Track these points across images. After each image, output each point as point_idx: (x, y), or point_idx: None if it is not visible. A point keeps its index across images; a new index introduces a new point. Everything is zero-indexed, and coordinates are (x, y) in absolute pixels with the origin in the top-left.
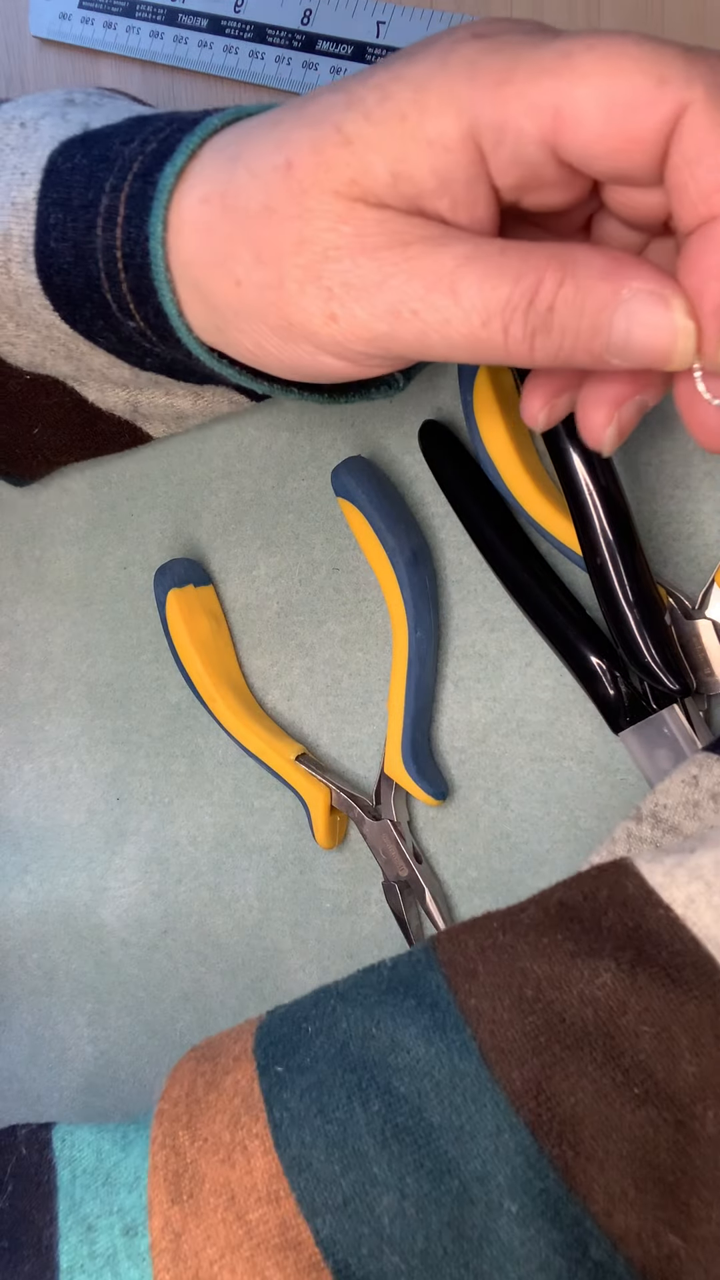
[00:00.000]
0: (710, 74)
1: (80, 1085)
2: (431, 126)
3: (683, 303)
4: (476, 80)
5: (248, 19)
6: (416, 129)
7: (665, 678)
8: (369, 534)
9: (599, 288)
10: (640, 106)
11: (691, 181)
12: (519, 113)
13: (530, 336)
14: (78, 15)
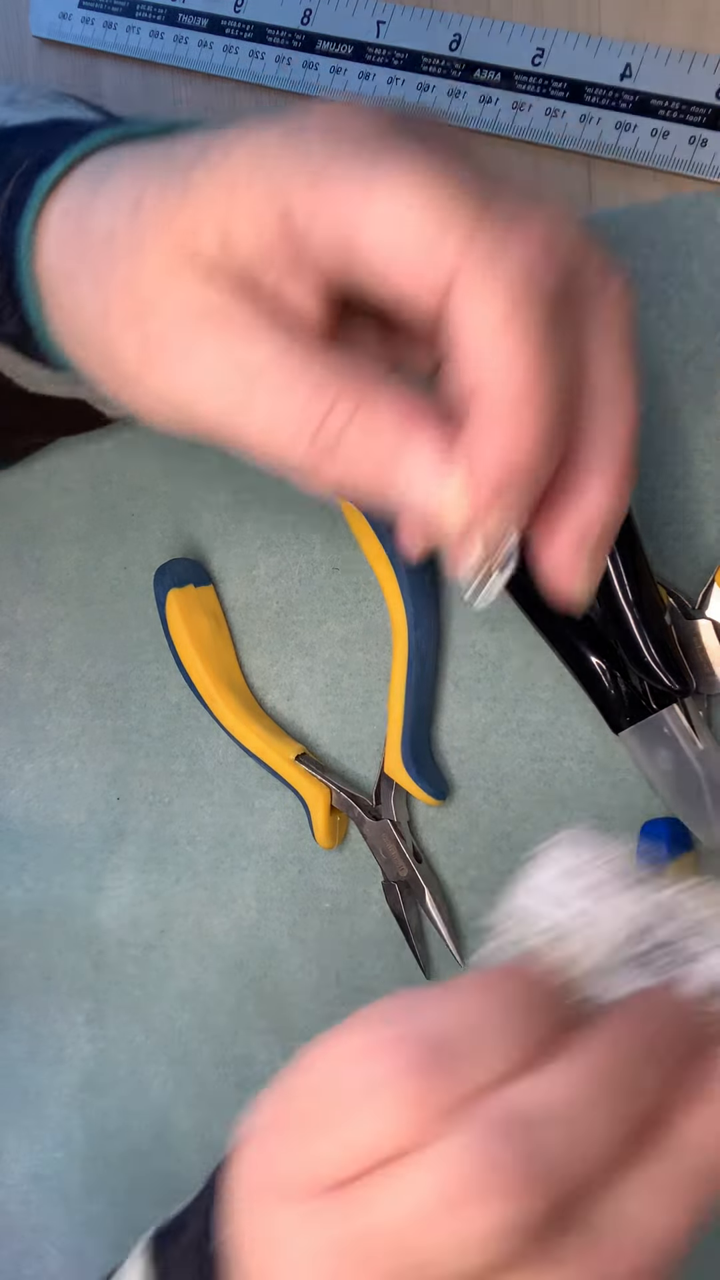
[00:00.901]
0: (493, 232)
1: (79, 1083)
2: (252, 202)
3: (459, 481)
4: (296, 174)
5: (248, 19)
6: (243, 199)
7: (665, 678)
8: (369, 534)
9: (385, 438)
10: (418, 256)
11: (458, 344)
12: (318, 222)
13: (318, 460)
14: (78, 15)
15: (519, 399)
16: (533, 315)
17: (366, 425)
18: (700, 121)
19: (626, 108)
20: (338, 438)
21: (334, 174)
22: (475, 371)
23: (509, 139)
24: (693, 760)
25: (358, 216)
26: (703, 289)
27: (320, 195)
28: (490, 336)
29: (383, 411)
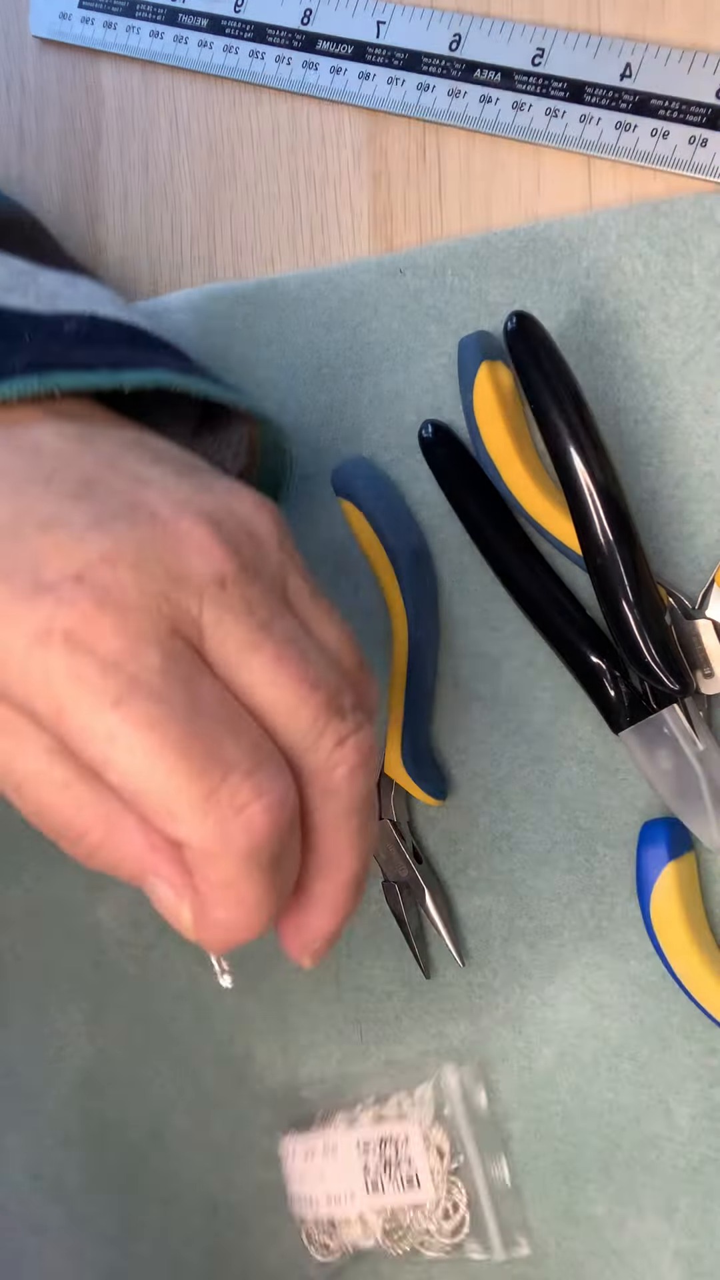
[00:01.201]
0: (220, 813)
1: (78, 1082)
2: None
3: (187, 913)
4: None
5: (248, 19)
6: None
7: (665, 678)
8: (369, 534)
9: (129, 865)
10: (156, 807)
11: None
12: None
13: (79, 853)
14: (78, 15)
15: (232, 884)
16: (253, 860)
17: (114, 851)
18: (700, 121)
19: (626, 108)
20: (91, 851)
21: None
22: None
23: (509, 139)
24: (693, 760)
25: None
26: (703, 289)
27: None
28: (208, 860)
29: (125, 845)
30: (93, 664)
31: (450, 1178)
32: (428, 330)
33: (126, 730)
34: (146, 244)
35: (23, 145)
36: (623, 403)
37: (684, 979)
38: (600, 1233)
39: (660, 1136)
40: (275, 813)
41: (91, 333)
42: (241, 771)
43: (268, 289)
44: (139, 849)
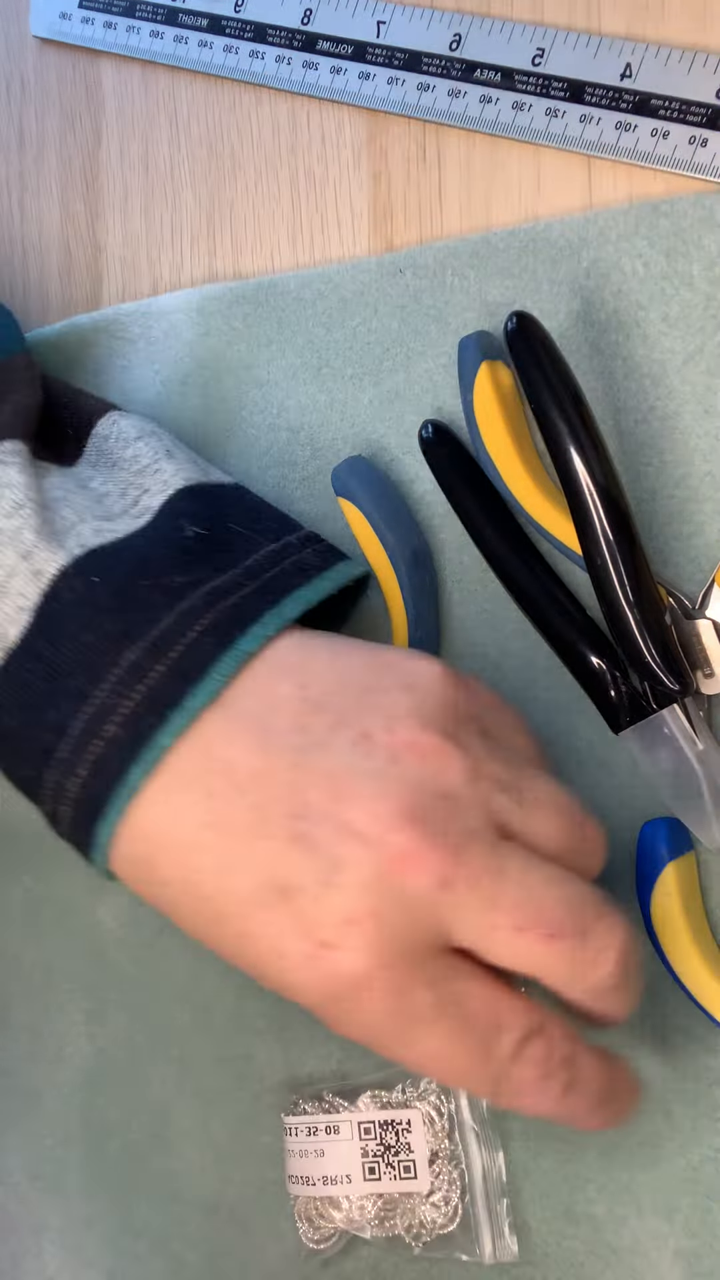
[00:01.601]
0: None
1: (79, 1082)
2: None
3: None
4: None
5: (248, 19)
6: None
7: (665, 678)
8: (369, 534)
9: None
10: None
11: None
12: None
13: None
14: (78, 15)
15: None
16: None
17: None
18: (700, 121)
19: (626, 108)
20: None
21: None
22: None
23: (509, 139)
24: (693, 760)
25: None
26: (703, 289)
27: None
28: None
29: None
30: (375, 1017)
31: (449, 1171)
32: (428, 330)
33: (419, 1061)
34: (146, 244)
35: (23, 145)
36: (623, 403)
37: (684, 979)
38: (600, 1232)
39: (660, 1136)
40: (548, 1079)
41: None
42: (513, 1058)
43: (267, 289)
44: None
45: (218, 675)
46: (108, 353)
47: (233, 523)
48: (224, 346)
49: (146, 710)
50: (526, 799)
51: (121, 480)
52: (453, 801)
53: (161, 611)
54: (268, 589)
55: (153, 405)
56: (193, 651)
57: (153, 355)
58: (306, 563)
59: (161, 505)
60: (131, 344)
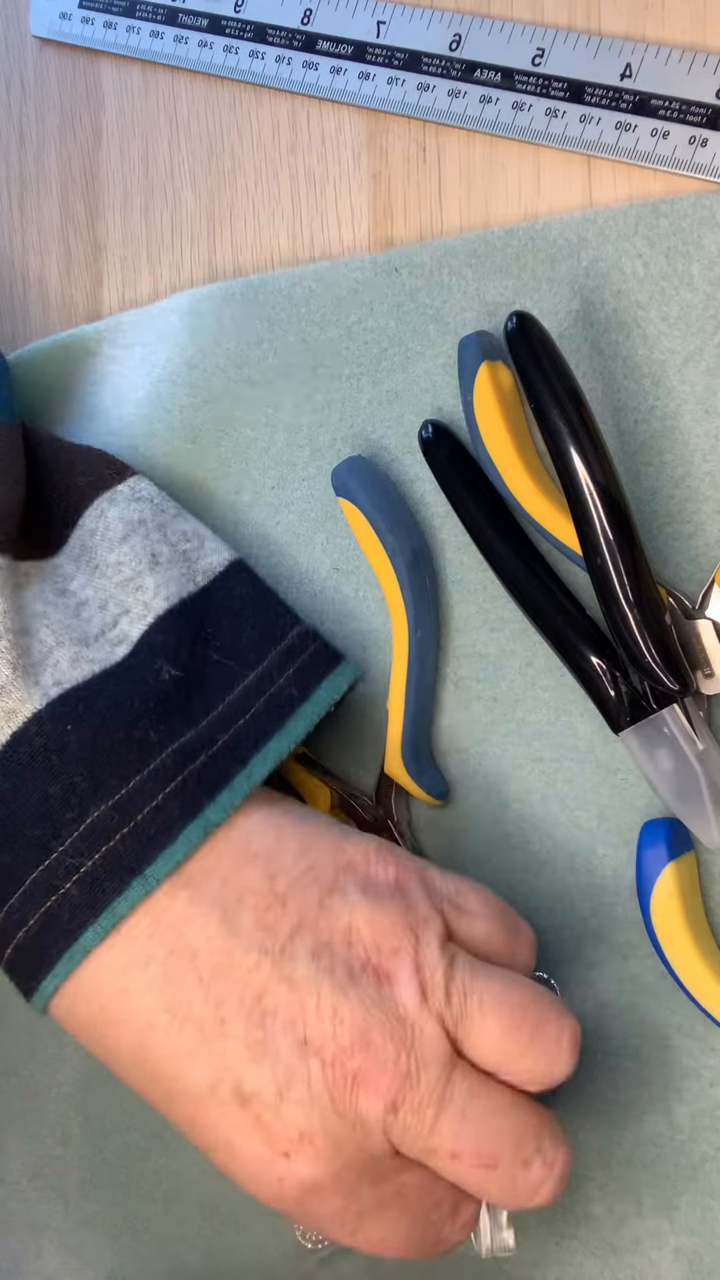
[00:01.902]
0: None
1: (78, 1081)
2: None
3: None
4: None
5: (248, 19)
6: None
7: (665, 678)
8: (369, 534)
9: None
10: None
11: None
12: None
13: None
14: (78, 15)
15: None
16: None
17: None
18: (700, 121)
19: (626, 108)
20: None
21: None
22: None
23: (509, 139)
24: (693, 760)
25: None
26: (702, 289)
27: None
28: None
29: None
30: (324, 1216)
31: None
32: (426, 330)
33: (367, 1246)
34: (146, 244)
35: (23, 145)
36: (623, 403)
37: (684, 979)
38: (600, 1231)
39: (660, 1135)
40: (468, 1230)
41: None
42: (446, 1226)
43: (256, 287)
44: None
45: (183, 844)
46: (107, 360)
47: (213, 649)
48: (212, 345)
49: (106, 874)
50: (471, 1006)
51: (103, 591)
52: (406, 1026)
53: (132, 770)
54: (238, 744)
55: (143, 405)
56: (158, 816)
57: (147, 357)
58: (282, 698)
59: (140, 637)
60: (129, 349)
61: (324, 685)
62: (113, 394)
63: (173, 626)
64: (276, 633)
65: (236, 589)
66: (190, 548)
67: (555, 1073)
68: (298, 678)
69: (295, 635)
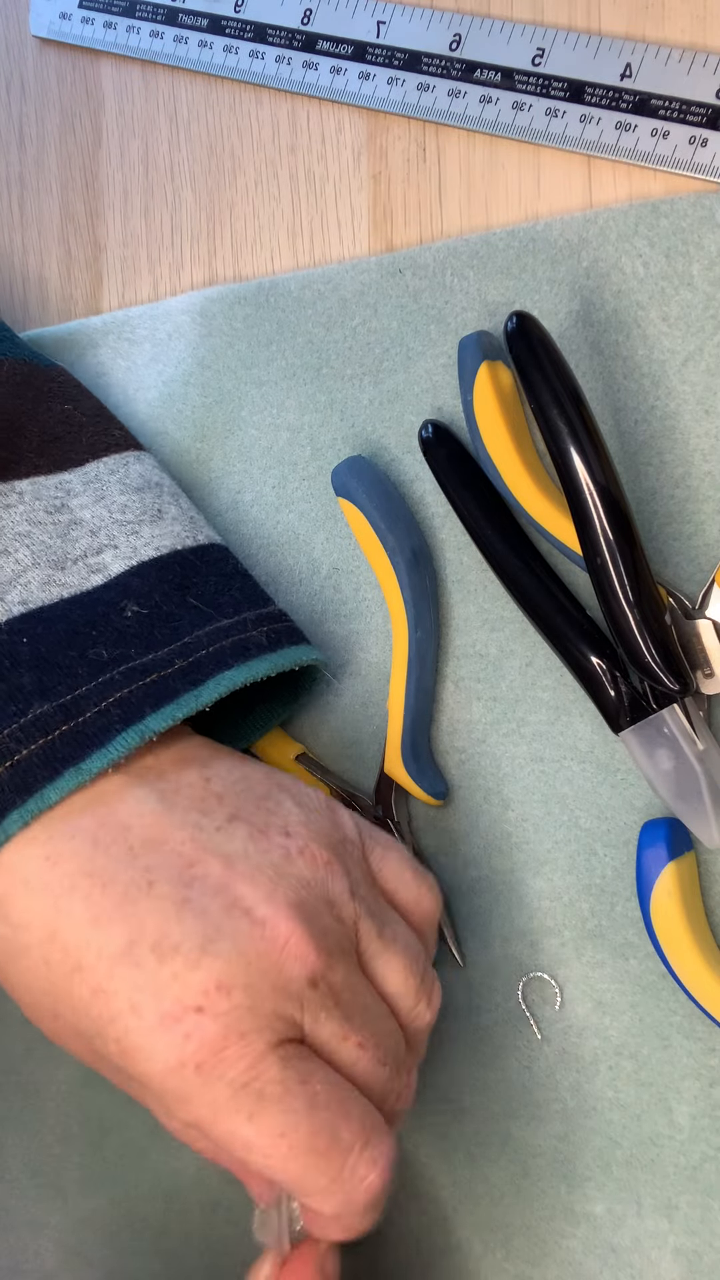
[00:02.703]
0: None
1: (78, 1079)
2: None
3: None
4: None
5: (248, 19)
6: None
7: (665, 678)
8: (369, 534)
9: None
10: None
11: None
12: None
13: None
14: (78, 15)
15: (351, 1226)
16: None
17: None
18: (700, 121)
19: (626, 108)
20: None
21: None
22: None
23: (509, 139)
24: (693, 760)
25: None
26: (703, 289)
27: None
28: (335, 1217)
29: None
30: (224, 1089)
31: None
32: (428, 330)
33: (262, 1141)
34: (146, 244)
35: (23, 145)
36: (623, 403)
37: (684, 979)
38: (600, 1231)
39: (660, 1135)
40: (387, 1173)
41: (153, 620)
42: (357, 1151)
43: (268, 289)
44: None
45: (120, 745)
46: (112, 354)
47: (193, 595)
48: (225, 346)
49: (41, 763)
50: (385, 934)
51: (100, 519)
52: (335, 911)
53: (81, 680)
54: (195, 669)
55: (155, 405)
56: (99, 719)
57: (157, 355)
58: (251, 643)
59: (118, 575)
60: (137, 345)
61: (294, 649)
62: (121, 390)
63: (153, 573)
64: (258, 601)
65: (230, 560)
66: (197, 516)
67: (424, 1016)
68: (270, 634)
69: (276, 609)
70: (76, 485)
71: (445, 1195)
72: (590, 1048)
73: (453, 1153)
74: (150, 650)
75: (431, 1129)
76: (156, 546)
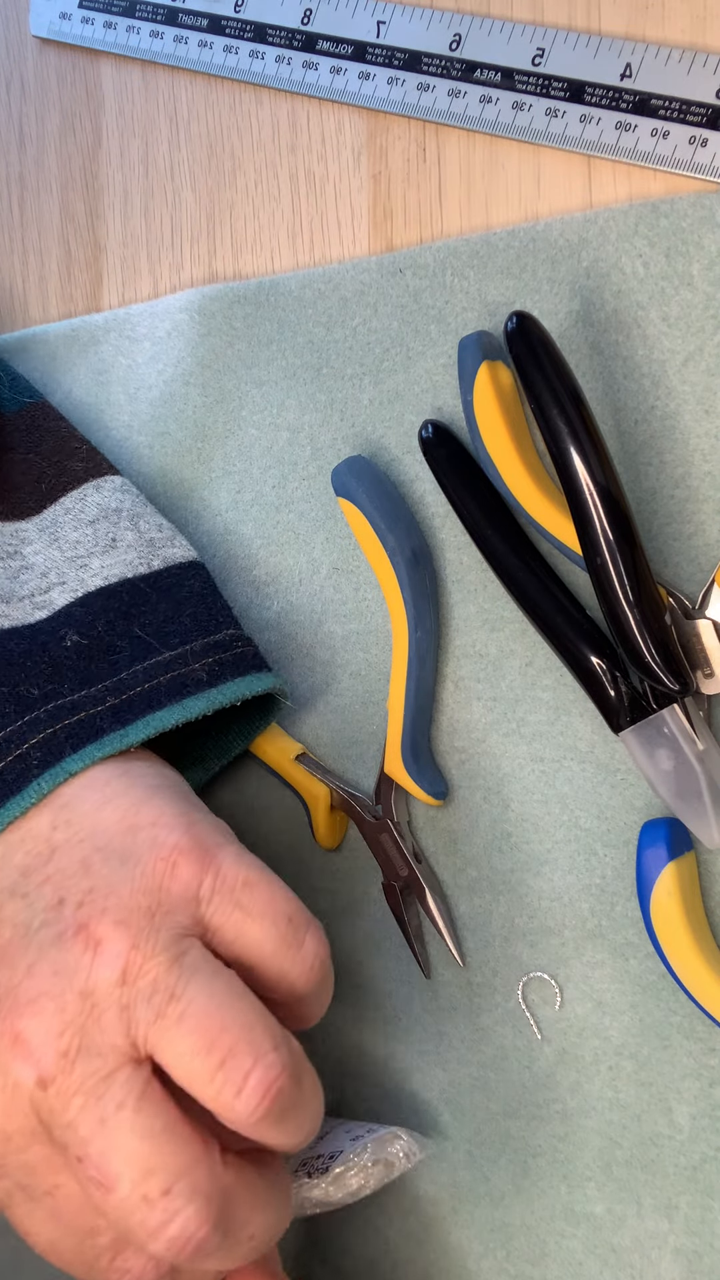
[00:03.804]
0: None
1: None
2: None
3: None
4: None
5: (248, 19)
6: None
7: (665, 678)
8: (369, 534)
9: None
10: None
11: None
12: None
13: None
14: (78, 15)
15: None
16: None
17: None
18: (700, 121)
19: (626, 108)
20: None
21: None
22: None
23: (509, 139)
24: (693, 760)
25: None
26: (703, 289)
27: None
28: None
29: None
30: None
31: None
32: (428, 330)
33: (21, 1234)
34: (146, 244)
35: (23, 145)
36: (623, 403)
37: (684, 979)
38: (600, 1231)
39: (660, 1135)
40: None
41: (90, 653)
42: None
43: (268, 289)
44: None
45: (33, 793)
46: (114, 351)
47: (138, 624)
48: (225, 346)
49: None
50: (169, 1011)
51: (50, 561)
52: (87, 1003)
53: (7, 721)
54: (126, 708)
55: (156, 404)
56: (18, 764)
57: (158, 354)
58: (191, 678)
59: (64, 607)
60: (138, 343)
61: (237, 681)
62: (123, 389)
63: (99, 601)
64: (210, 627)
65: (189, 582)
66: (159, 536)
67: (236, 1111)
68: (213, 667)
69: (228, 634)
70: (32, 533)
71: (445, 1195)
72: (590, 1048)
73: (453, 1153)
74: (84, 686)
75: (432, 1129)
76: (105, 576)
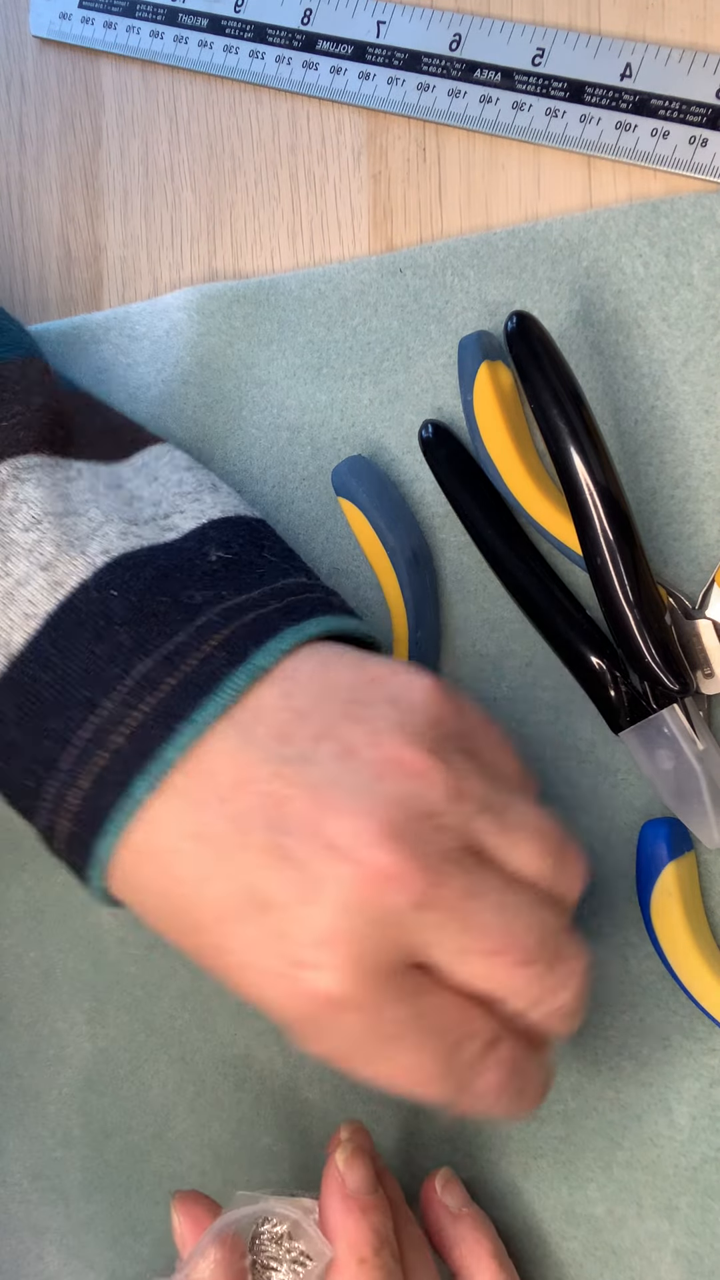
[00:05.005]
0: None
1: (79, 1083)
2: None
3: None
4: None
5: (248, 19)
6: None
7: (665, 678)
8: (369, 534)
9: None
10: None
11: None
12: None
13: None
14: (78, 15)
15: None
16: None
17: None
18: (700, 121)
19: (626, 108)
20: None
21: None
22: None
23: (509, 139)
24: (693, 760)
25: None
26: (703, 289)
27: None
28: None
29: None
30: (344, 1038)
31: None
32: (428, 330)
33: (395, 1081)
34: (146, 244)
35: (23, 145)
36: (623, 403)
37: (684, 979)
38: (600, 1232)
39: (660, 1136)
40: (505, 1085)
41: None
42: (477, 1067)
43: (268, 288)
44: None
45: (229, 689)
46: (114, 350)
47: (268, 552)
48: (225, 346)
49: (155, 723)
50: (507, 822)
51: (159, 494)
52: (434, 821)
53: (178, 626)
54: (292, 610)
55: (155, 404)
56: (206, 665)
57: (157, 354)
58: (335, 601)
59: (192, 529)
60: (137, 342)
61: (356, 620)
62: (124, 388)
63: (229, 528)
64: (311, 571)
65: (280, 539)
66: (243, 501)
67: (576, 892)
68: (336, 599)
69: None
70: (127, 473)
71: None
72: (590, 1048)
73: (453, 1154)
74: (242, 592)
75: (432, 1130)
76: (222, 509)
